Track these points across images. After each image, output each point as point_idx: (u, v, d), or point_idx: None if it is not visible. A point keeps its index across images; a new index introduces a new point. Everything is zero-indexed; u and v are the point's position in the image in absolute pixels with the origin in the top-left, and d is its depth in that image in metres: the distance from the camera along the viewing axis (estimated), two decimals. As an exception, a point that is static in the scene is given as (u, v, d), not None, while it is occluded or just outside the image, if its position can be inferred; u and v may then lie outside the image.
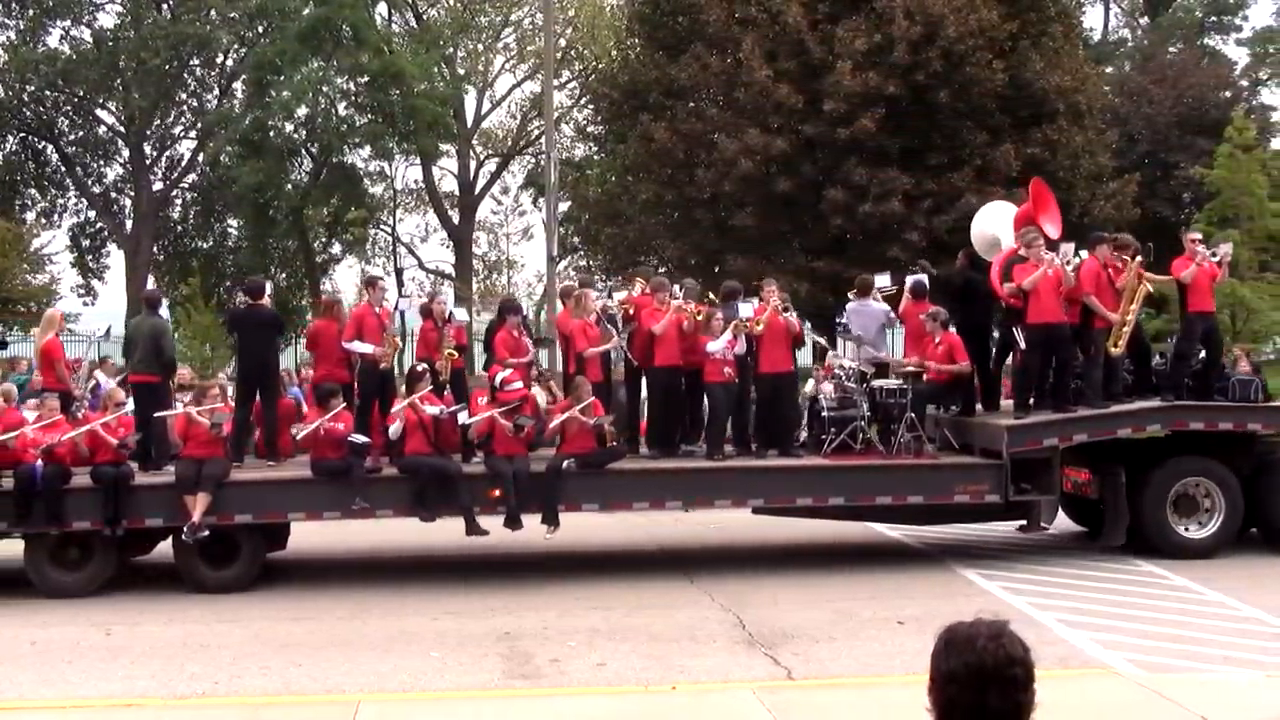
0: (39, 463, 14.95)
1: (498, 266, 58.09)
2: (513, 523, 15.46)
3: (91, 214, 49.48)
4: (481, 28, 53.58)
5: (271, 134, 43.51)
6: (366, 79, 44.01)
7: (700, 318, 16.58)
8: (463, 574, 16.05)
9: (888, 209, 33.61)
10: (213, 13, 46.34)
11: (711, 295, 17.45)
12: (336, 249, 51.48)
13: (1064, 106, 36.19)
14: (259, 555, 15.59)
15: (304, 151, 46.45)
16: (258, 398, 16.76)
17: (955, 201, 33.72)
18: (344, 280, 65.24)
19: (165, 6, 46.94)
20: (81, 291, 49.22)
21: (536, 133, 52.20)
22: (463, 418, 15.97)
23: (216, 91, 49.59)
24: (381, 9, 50.79)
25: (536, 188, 50.24)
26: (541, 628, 13.04)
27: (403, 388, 16.45)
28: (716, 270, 36.67)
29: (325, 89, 44.82)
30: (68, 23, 47.06)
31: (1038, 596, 13.95)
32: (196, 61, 48.02)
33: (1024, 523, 16.85)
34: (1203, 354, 17.15)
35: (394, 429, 15.50)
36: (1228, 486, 16.33)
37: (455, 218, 53.63)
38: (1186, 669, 11.03)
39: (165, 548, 15.72)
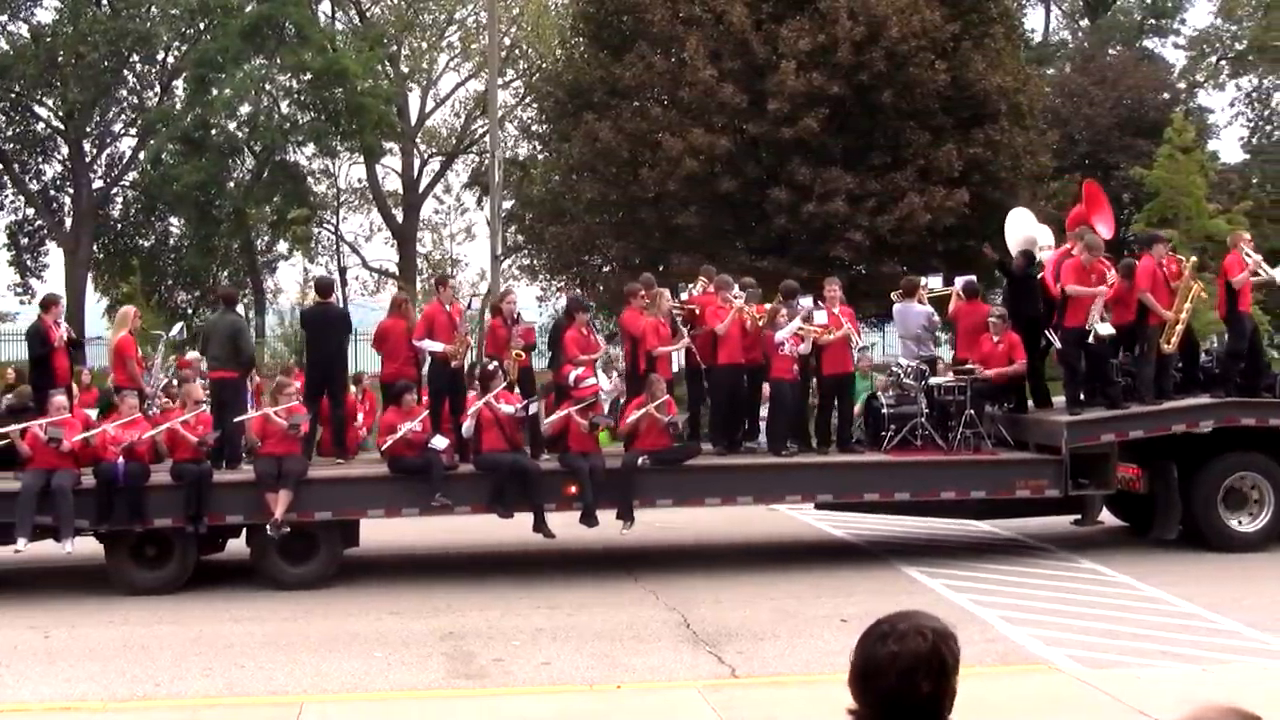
0: (120, 460, 15.00)
1: (441, 265, 57.85)
2: (588, 519, 15.66)
3: (30, 212, 48.83)
4: (425, 26, 53.30)
5: (213, 132, 43.11)
6: (309, 77, 43.70)
7: (762, 322, 16.82)
8: (406, 573, 16.02)
9: (831, 208, 33.72)
10: (153, 9, 45.85)
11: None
12: (280, 247, 51.09)
13: (1005, 107, 36.44)
14: (337, 552, 15.71)
15: (246, 150, 46.07)
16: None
17: (898, 201, 33.90)
18: (286, 279, 64.95)
19: (104, 1, 46.41)
20: (19, 290, 48.60)
21: (480, 131, 52.00)
22: (534, 408, 16.27)
23: (157, 88, 49.04)
24: (324, 7, 50.49)
25: (480, 186, 50.06)
26: (486, 627, 13.03)
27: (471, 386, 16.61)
28: (661, 269, 36.70)
29: (268, 87, 44.50)
30: (4, 18, 46.38)
31: (979, 594, 14.06)
32: (137, 58, 47.39)
33: (1079, 517, 17.32)
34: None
35: (467, 427, 15.73)
36: (1276, 481, 16.77)
37: (399, 216, 53.41)
38: (1125, 664, 11.15)
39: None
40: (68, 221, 48.12)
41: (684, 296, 17.86)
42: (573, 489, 15.63)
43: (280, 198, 46.05)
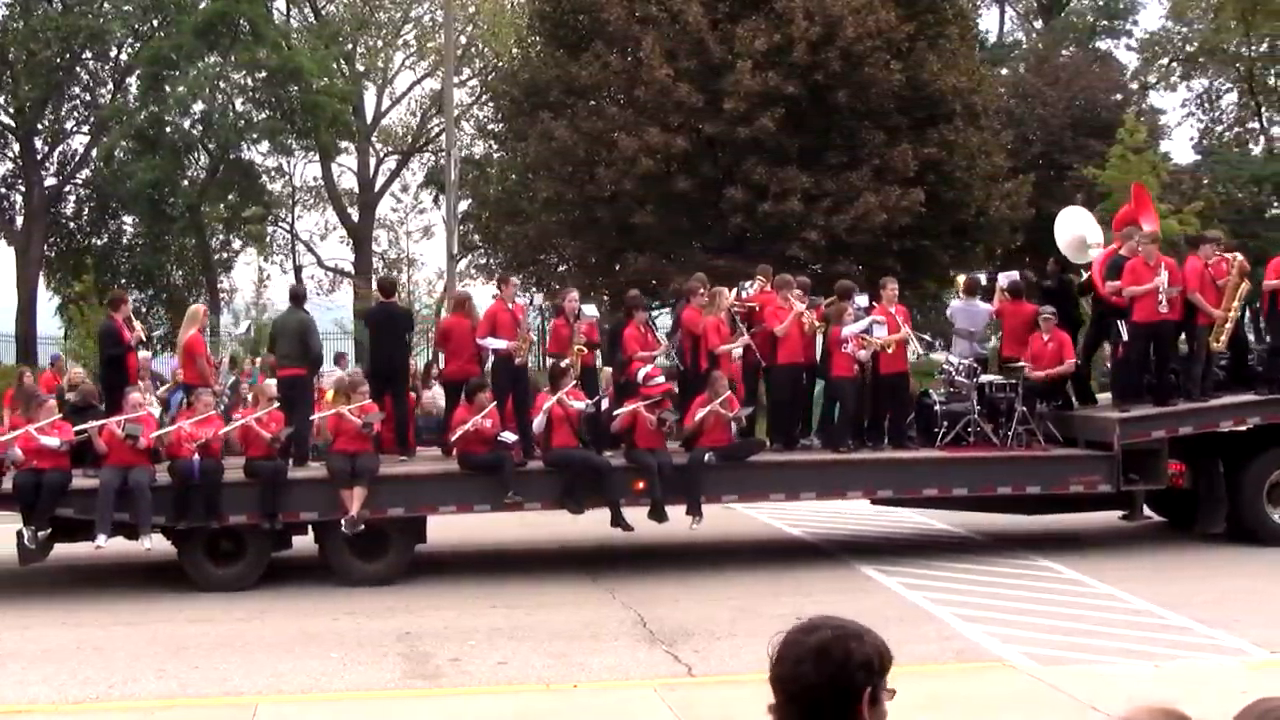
0: (195, 458, 15.11)
1: (398, 265, 57.64)
2: (658, 514, 15.82)
3: (-20, 209, 48.42)
4: (381, 24, 53.09)
5: (167, 129, 42.84)
6: (264, 75, 43.48)
7: (821, 330, 17.07)
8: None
9: (787, 208, 33.78)
10: (106, 5, 45.53)
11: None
12: (235, 246, 50.84)
13: (960, 107, 36.60)
14: (408, 549, 15.83)
15: (200, 148, 45.80)
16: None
17: (853, 201, 33.99)
18: (241, 278, 64.52)
19: (57, -3, 46.06)
20: (-32, 290, 48.15)
21: (436, 130, 51.87)
22: (604, 405, 16.60)
23: (110, 85, 48.65)
24: (279, 4, 50.21)
25: (437, 185, 49.91)
26: (442, 627, 13.01)
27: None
28: (617, 268, 36.69)
29: (222, 84, 44.25)
30: (-47, 14, 46.03)
31: (935, 592, 14.14)
32: (89, 54, 47.07)
33: (1126, 512, 17.71)
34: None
35: (538, 423, 15.89)
36: None
37: (355, 215, 53.17)
38: (1078, 661, 11.23)
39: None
40: (19, 220, 47.67)
41: (745, 294, 17.93)
42: (641, 485, 15.81)
43: (235, 196, 45.81)
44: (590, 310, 17.85)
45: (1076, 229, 19.37)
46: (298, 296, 18.30)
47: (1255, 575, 15.09)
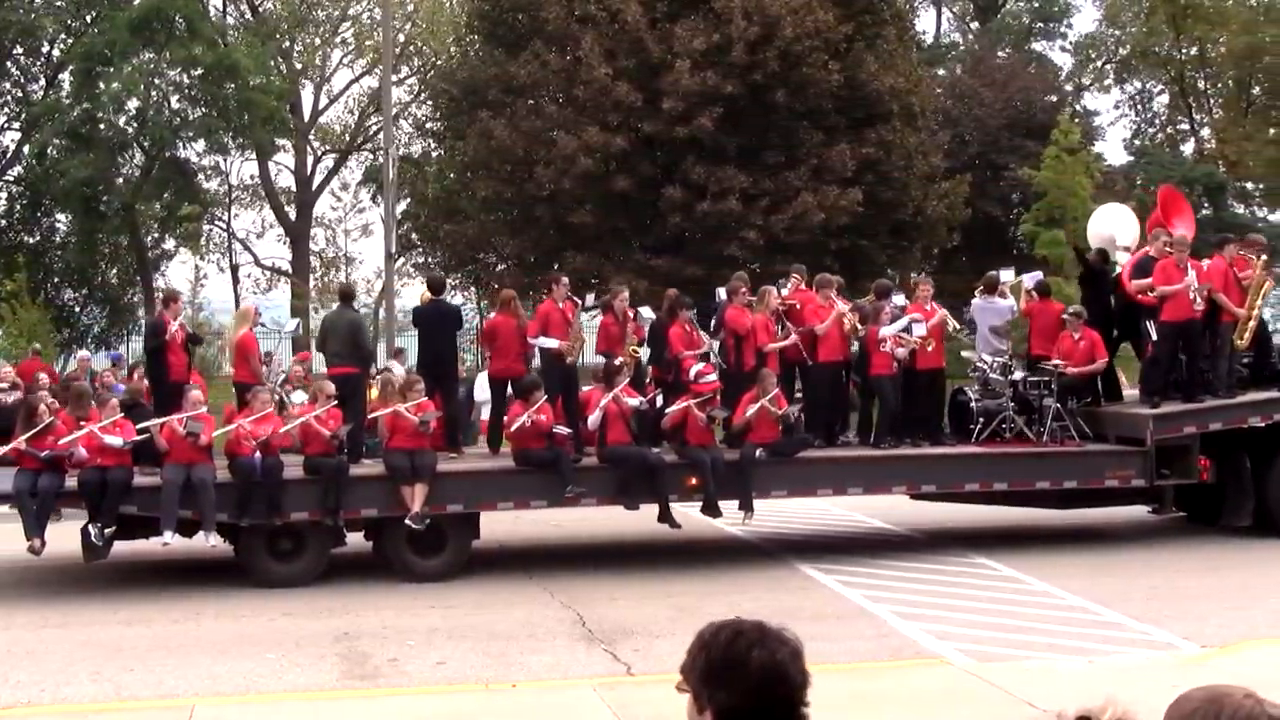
0: (257, 455, 15.12)
1: (335, 263, 57.35)
2: (711, 510, 16.07)
3: (-92, 207, 47.70)
4: (319, 21, 52.77)
5: (101, 127, 42.38)
6: (200, 72, 43.07)
7: (862, 333, 17.18)
8: (300, 574, 15.86)
9: (725, 207, 33.94)
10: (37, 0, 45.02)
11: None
12: (170, 245, 50.36)
13: (898, 108, 36.89)
14: (465, 545, 15.89)
15: (135, 145, 45.32)
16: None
17: (791, 200, 34.17)
18: (176, 277, 63.94)
19: (-15, -8, 45.41)
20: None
21: (375, 129, 51.62)
22: (659, 402, 16.78)
23: (42, 81, 48.07)
24: (215, 0, 49.82)
25: (375, 184, 49.72)
26: (380, 627, 12.96)
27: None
28: (556, 267, 36.65)
29: (157, 81, 43.79)
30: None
31: (873, 590, 14.22)
32: (20, 50, 46.48)
33: (1156, 506, 17.84)
34: None
35: (594, 420, 15.98)
36: None
37: (292, 214, 52.82)
38: (1014, 657, 11.35)
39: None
40: (-51, 217, 47.03)
41: (781, 293, 18.02)
42: (694, 481, 15.96)
43: (170, 194, 45.40)
44: (647, 313, 17.95)
45: (1109, 227, 19.63)
46: (347, 295, 18.47)
47: (1186, 572, 15.30)
